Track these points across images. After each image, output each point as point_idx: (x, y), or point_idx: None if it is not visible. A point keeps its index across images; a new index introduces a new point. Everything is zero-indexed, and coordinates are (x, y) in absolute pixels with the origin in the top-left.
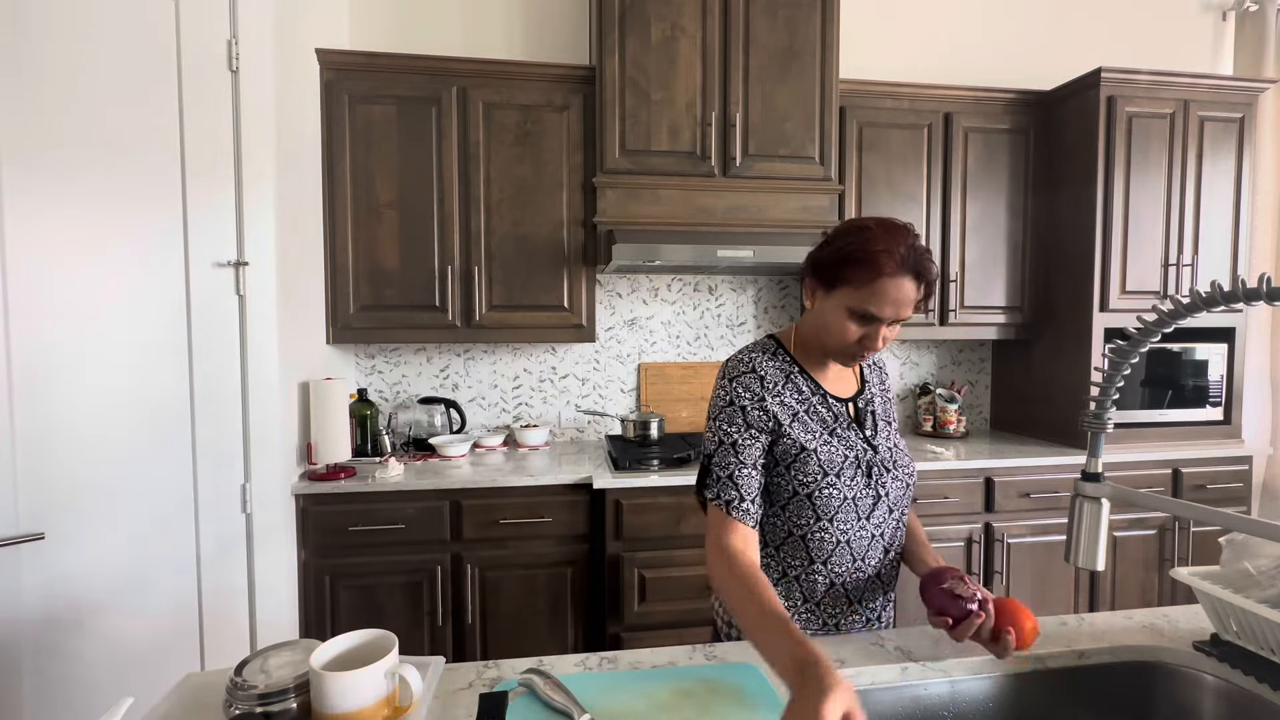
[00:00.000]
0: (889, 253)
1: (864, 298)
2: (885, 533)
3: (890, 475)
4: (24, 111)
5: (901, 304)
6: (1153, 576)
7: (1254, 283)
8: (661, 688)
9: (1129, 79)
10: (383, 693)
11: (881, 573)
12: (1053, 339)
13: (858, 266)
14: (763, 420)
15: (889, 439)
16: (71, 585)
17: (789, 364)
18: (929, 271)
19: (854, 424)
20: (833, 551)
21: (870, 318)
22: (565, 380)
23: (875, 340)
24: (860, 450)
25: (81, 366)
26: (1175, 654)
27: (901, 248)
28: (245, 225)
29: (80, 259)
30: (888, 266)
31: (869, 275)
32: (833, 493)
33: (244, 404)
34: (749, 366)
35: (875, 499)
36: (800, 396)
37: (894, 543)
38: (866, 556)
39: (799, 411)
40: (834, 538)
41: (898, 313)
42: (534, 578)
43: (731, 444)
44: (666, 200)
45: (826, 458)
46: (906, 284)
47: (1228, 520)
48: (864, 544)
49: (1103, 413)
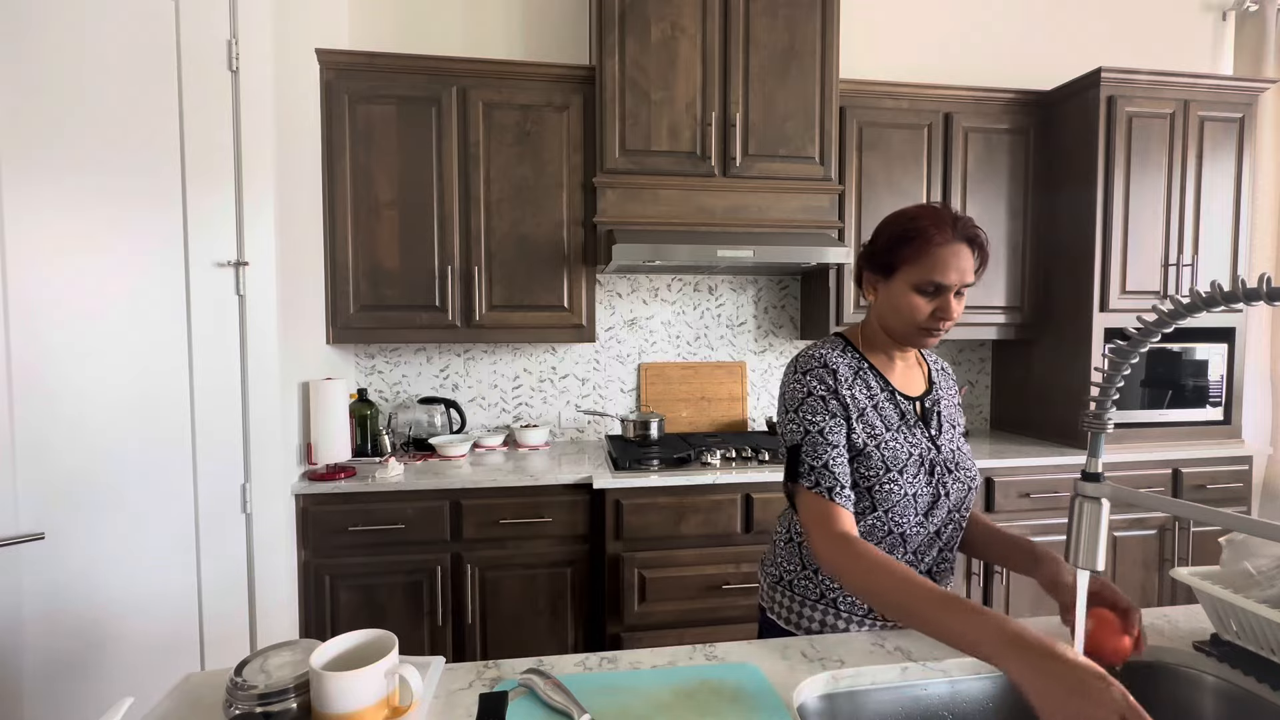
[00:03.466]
0: (937, 225)
1: (926, 269)
2: (944, 532)
3: (953, 476)
4: (24, 111)
5: (964, 270)
6: (1153, 576)
7: (1254, 283)
8: (661, 688)
9: (1129, 79)
10: (383, 693)
11: (934, 570)
12: (1053, 339)
13: (912, 243)
14: (839, 409)
15: (953, 440)
16: (71, 585)
17: (858, 360)
18: (979, 237)
19: (920, 422)
20: (883, 540)
21: (938, 288)
22: (565, 380)
23: (949, 309)
24: (925, 449)
25: (81, 366)
26: (1175, 654)
27: (948, 216)
28: (245, 225)
29: (80, 259)
30: (939, 236)
31: (925, 248)
32: (893, 488)
33: (244, 404)
34: (821, 361)
35: (935, 497)
36: (869, 392)
37: (951, 543)
38: (920, 552)
39: (867, 406)
40: (888, 528)
41: (962, 278)
42: (534, 578)
43: (819, 431)
44: (666, 200)
45: (891, 453)
46: (962, 249)
47: (1228, 520)
48: (921, 540)
49: (1103, 413)
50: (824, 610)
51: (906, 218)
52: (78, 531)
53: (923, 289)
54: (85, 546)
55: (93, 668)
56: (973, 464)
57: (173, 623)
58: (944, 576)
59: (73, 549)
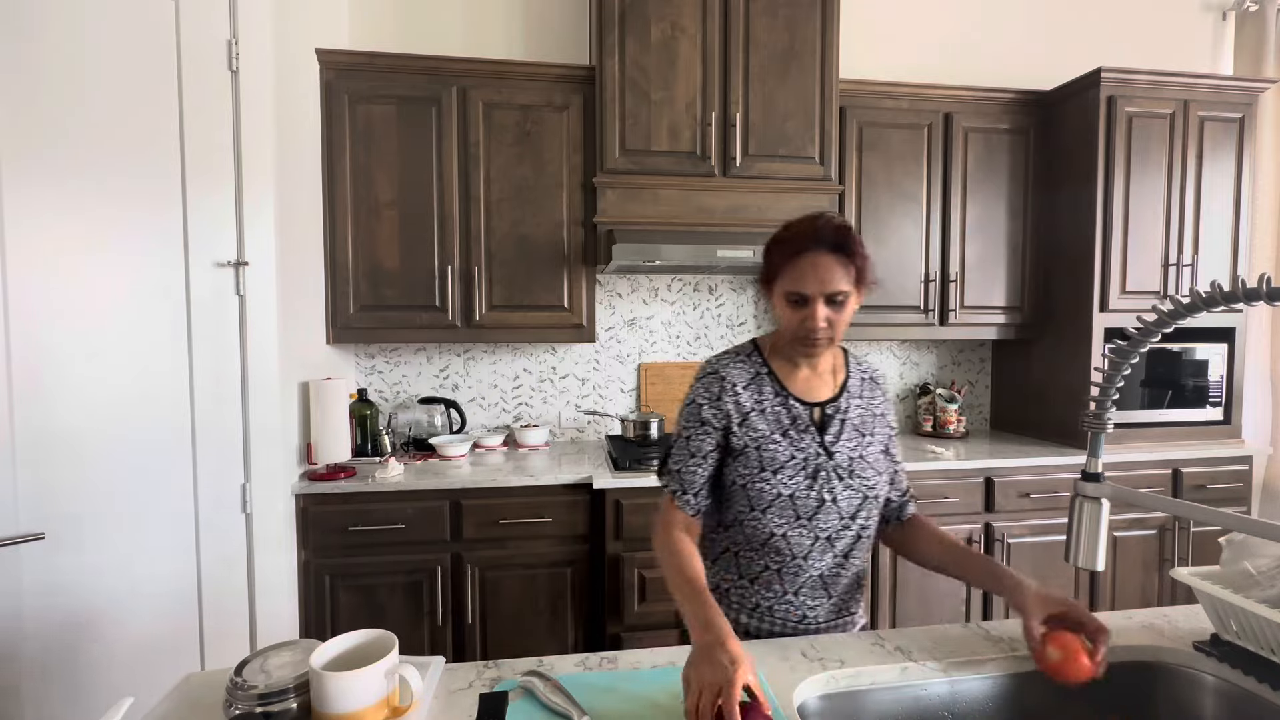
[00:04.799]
0: (802, 233)
1: (791, 280)
2: (838, 540)
3: (843, 484)
4: (24, 111)
5: (825, 280)
6: (1153, 576)
7: (1254, 283)
8: (661, 688)
9: (1129, 79)
10: (383, 693)
11: (826, 576)
12: (1053, 339)
13: (778, 253)
14: (716, 418)
15: (857, 449)
16: (72, 585)
17: (760, 366)
18: (850, 244)
19: (813, 427)
20: (765, 543)
21: (801, 297)
22: (565, 380)
23: (813, 320)
24: (812, 453)
25: (82, 366)
26: (1175, 654)
27: (811, 226)
28: (245, 225)
29: (80, 259)
30: (801, 244)
31: (789, 256)
32: (765, 487)
33: (244, 404)
34: (712, 369)
35: (820, 502)
36: (759, 397)
37: (849, 552)
38: (810, 558)
39: (752, 411)
40: (769, 530)
41: (824, 288)
42: (534, 578)
43: (687, 438)
44: (666, 200)
45: (769, 455)
46: (826, 258)
47: (1228, 520)
48: (808, 547)
49: (1103, 413)
50: (759, 619)
51: (782, 229)
52: (78, 531)
53: (790, 298)
54: (85, 546)
55: (93, 667)
56: (876, 477)
57: (173, 623)
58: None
59: (73, 549)
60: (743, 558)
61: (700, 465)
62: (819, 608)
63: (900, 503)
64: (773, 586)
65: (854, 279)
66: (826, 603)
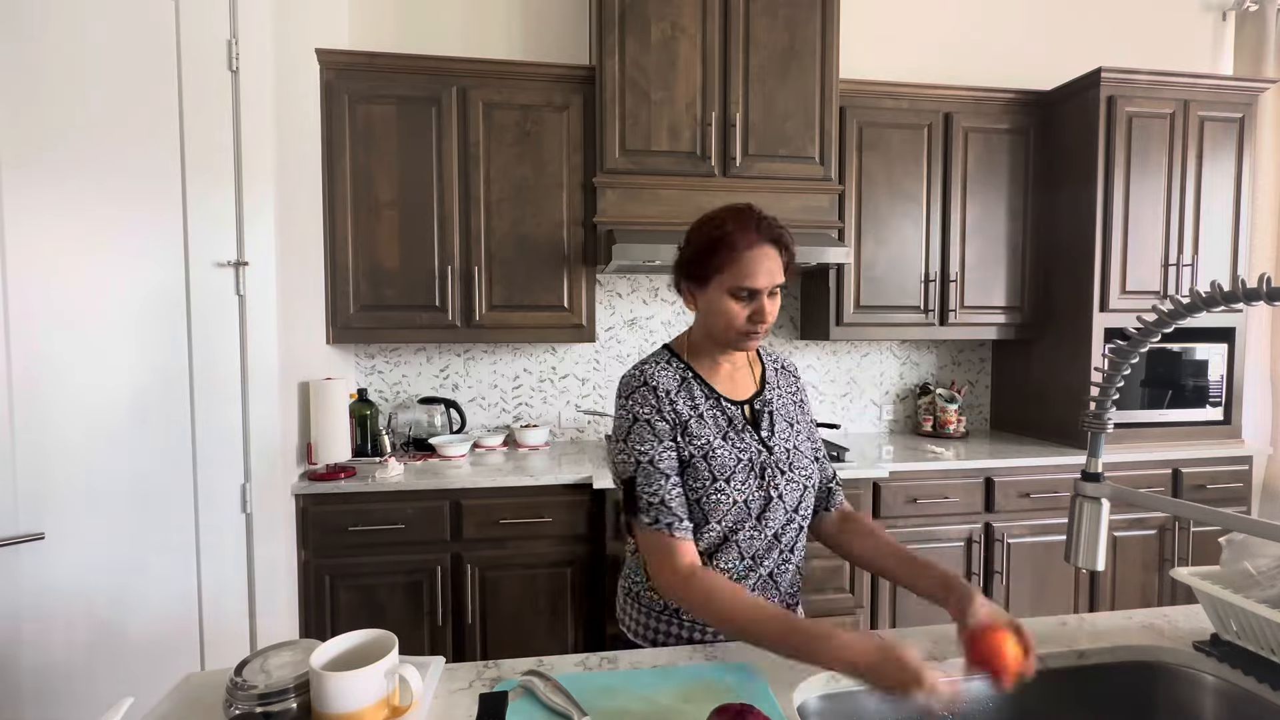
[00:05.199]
0: (743, 229)
1: (738, 276)
2: (784, 535)
3: (785, 477)
4: (24, 111)
5: (773, 271)
6: (1153, 576)
7: (1254, 283)
8: (661, 688)
9: (1129, 79)
10: (383, 693)
11: (775, 572)
12: (1053, 339)
13: (721, 249)
14: (666, 429)
15: (790, 439)
16: (71, 585)
17: (684, 370)
18: (784, 237)
19: (749, 425)
20: (719, 550)
21: (750, 292)
22: (565, 380)
23: (764, 312)
24: (755, 452)
25: (82, 366)
26: (1175, 654)
27: (751, 220)
28: (245, 225)
29: (80, 259)
30: (744, 240)
31: (733, 254)
32: (721, 498)
33: (244, 404)
34: (642, 380)
35: (768, 500)
36: (693, 402)
37: (792, 545)
38: (758, 557)
39: (692, 417)
40: (722, 537)
41: (772, 280)
42: (534, 578)
43: (650, 461)
44: (666, 200)
45: (719, 462)
46: (769, 251)
47: (1228, 520)
48: (758, 546)
49: (1103, 413)
50: (668, 621)
51: (713, 224)
52: (78, 531)
53: (737, 294)
54: (85, 546)
55: (93, 668)
56: (809, 464)
57: (173, 623)
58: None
59: (73, 549)
60: None
61: (678, 485)
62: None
63: (827, 488)
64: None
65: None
66: (776, 599)
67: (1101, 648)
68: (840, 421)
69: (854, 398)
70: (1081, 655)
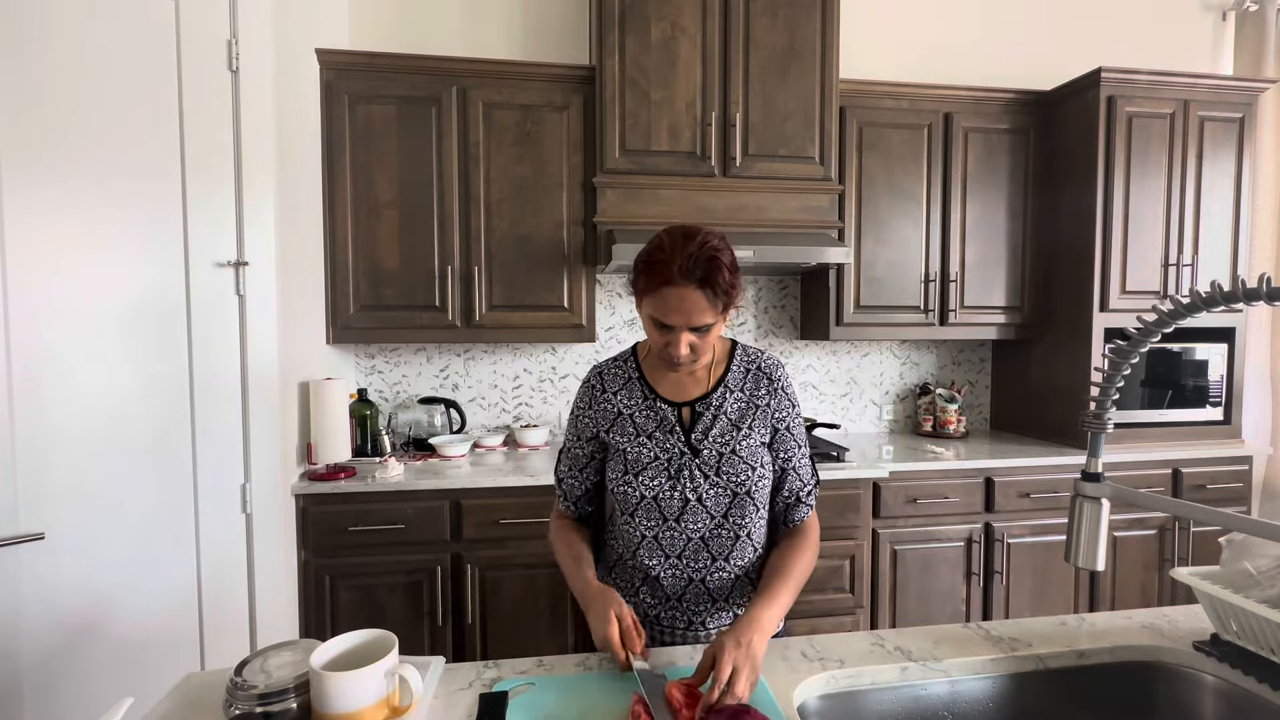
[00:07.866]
0: (668, 262)
1: (654, 308)
2: (712, 541)
3: (708, 480)
4: (24, 111)
5: (688, 313)
6: (1153, 576)
7: (1254, 283)
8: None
9: (1129, 79)
10: (383, 693)
11: (707, 579)
12: (1053, 339)
13: (645, 275)
14: (588, 426)
15: (727, 444)
16: (72, 585)
17: (633, 370)
18: (717, 279)
19: (679, 425)
20: (640, 545)
21: (665, 325)
22: (565, 380)
23: (676, 348)
24: (675, 453)
25: (82, 366)
26: (1175, 654)
27: (680, 257)
28: (245, 225)
29: (80, 259)
30: (665, 274)
31: (654, 284)
32: (629, 490)
33: (244, 404)
34: (596, 372)
35: (685, 502)
36: (630, 400)
37: (726, 554)
38: (685, 558)
39: (622, 414)
40: (640, 533)
41: (687, 320)
42: (534, 578)
43: (567, 449)
44: (666, 200)
45: (634, 456)
46: (689, 293)
47: (1228, 520)
48: (682, 547)
49: (1103, 413)
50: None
51: (653, 246)
52: (78, 531)
53: (655, 322)
54: (85, 546)
55: (93, 668)
56: (749, 472)
57: (173, 623)
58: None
59: (73, 549)
60: (627, 564)
61: (579, 475)
62: (703, 613)
63: (785, 504)
64: (656, 593)
65: (720, 309)
66: (711, 607)
67: (1101, 648)
68: (840, 421)
69: (854, 398)
70: (1081, 655)
